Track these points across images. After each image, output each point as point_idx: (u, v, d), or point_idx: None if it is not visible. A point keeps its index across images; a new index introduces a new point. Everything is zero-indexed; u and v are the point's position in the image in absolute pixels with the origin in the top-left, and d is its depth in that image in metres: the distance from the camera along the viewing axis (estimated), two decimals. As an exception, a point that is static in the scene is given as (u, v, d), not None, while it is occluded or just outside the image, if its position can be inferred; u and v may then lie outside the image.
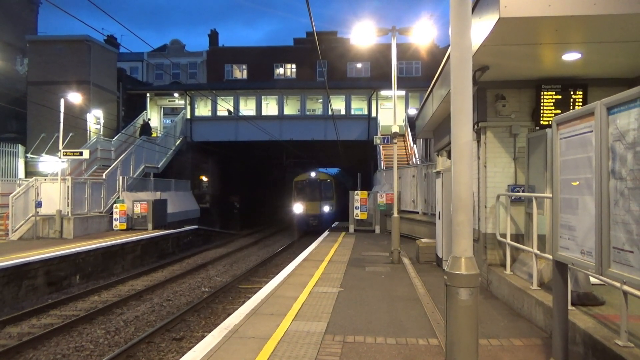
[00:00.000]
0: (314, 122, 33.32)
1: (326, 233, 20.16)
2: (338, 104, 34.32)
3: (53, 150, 23.22)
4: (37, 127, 26.52)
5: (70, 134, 23.52)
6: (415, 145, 25.94)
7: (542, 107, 7.96)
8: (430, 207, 16.45)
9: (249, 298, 7.94)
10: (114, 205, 20.28)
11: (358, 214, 20.46)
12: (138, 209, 20.54)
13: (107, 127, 28.61)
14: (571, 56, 6.69)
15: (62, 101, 19.85)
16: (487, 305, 7.28)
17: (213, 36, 46.51)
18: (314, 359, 4.95)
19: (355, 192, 20.85)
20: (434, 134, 14.98)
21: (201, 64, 43.48)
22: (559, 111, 7.55)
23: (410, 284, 9.12)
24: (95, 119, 28.49)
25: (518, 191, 8.03)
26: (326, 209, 29.98)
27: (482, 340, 5.42)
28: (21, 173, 24.87)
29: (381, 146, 25.64)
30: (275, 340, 5.53)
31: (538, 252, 6.44)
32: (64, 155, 18.95)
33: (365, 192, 20.86)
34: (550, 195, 4.97)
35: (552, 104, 7.92)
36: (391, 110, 13.17)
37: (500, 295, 7.67)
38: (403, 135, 28.01)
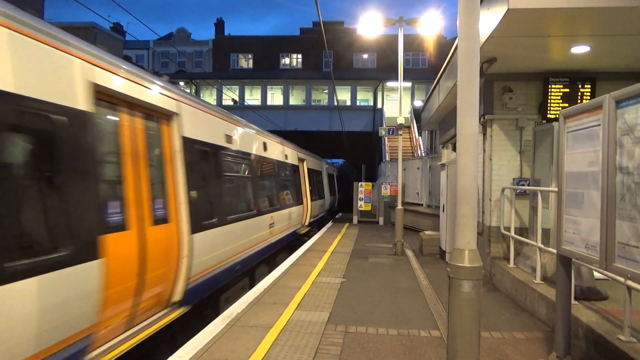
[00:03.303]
0: (320, 112, 33.28)
1: (330, 224, 20.19)
2: (344, 95, 34.23)
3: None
4: (43, 114, 26.59)
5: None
6: (420, 137, 25.88)
7: (549, 100, 7.90)
8: (434, 199, 16.41)
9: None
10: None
11: (362, 205, 20.45)
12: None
13: (112, 115, 28.63)
14: (580, 49, 6.63)
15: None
16: (490, 298, 7.28)
17: (219, 25, 46.32)
18: (315, 348, 4.97)
19: (360, 183, 20.84)
20: (439, 126, 14.91)
21: (207, 53, 43.40)
22: (567, 105, 7.49)
23: (413, 275, 9.13)
24: (100, 107, 28.49)
25: (523, 184, 8.00)
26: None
27: (484, 333, 5.42)
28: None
29: (386, 138, 25.57)
30: (278, 329, 5.55)
31: (542, 245, 6.42)
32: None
33: (370, 184, 20.85)
34: (556, 189, 4.94)
35: (559, 97, 7.86)
36: (397, 102, 13.12)
37: (503, 289, 7.66)
38: (408, 127, 27.91)
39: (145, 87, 5.09)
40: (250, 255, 8.43)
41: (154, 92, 5.27)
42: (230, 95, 31.90)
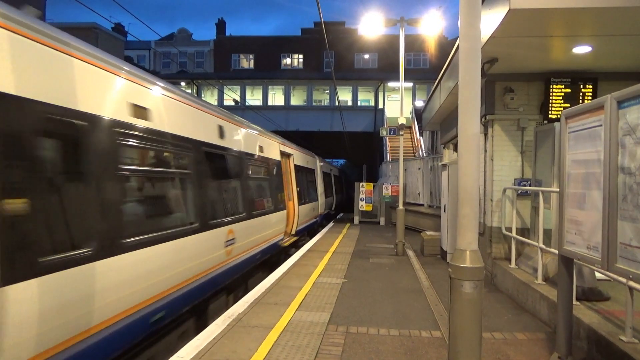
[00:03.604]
0: (321, 112, 33.31)
1: (331, 224, 20.19)
2: (345, 95, 34.26)
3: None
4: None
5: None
6: (421, 138, 25.87)
7: (550, 101, 7.89)
8: (435, 199, 16.41)
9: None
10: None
11: (363, 205, 20.46)
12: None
13: (113, 115, 28.66)
14: (581, 49, 6.62)
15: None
16: (491, 298, 7.27)
17: (220, 25, 46.37)
18: (317, 349, 4.97)
19: (361, 183, 20.86)
20: (440, 127, 14.90)
21: (208, 53, 43.45)
22: (568, 105, 7.48)
23: (414, 276, 9.12)
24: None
25: (524, 185, 7.99)
26: None
27: (486, 334, 5.41)
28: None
29: (387, 138, 25.57)
30: (279, 329, 5.55)
31: (543, 246, 6.42)
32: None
33: (371, 184, 20.86)
34: (557, 189, 4.93)
35: (561, 98, 7.85)
36: (398, 102, 13.11)
37: (504, 289, 7.65)
38: (409, 128, 27.91)
39: None
40: (188, 291, 5.58)
41: None
42: (231, 96, 31.93)
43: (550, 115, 7.89)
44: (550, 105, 7.90)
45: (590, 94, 7.74)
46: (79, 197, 3.91)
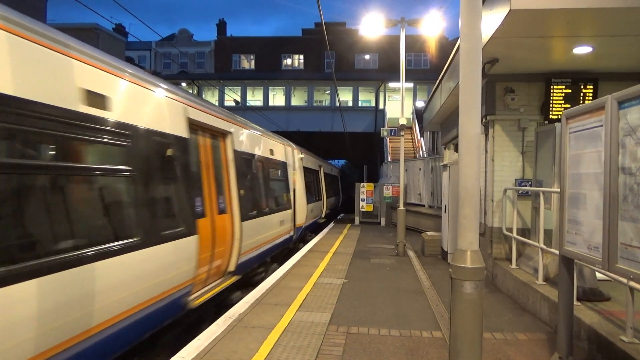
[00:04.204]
0: (321, 113, 33.32)
1: (332, 225, 20.21)
2: (345, 96, 34.28)
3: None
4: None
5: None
6: (422, 138, 25.87)
7: (551, 101, 7.90)
8: (436, 200, 16.41)
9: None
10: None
11: (364, 206, 20.48)
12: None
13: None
14: (582, 50, 6.62)
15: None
16: (492, 299, 7.27)
17: (221, 26, 46.42)
18: (317, 349, 4.97)
19: (362, 184, 20.88)
20: (441, 127, 14.90)
21: (209, 54, 43.50)
22: (569, 105, 7.48)
23: (415, 276, 9.12)
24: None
25: (525, 185, 8.00)
26: None
27: (486, 334, 5.41)
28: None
29: (388, 138, 25.59)
30: (280, 330, 5.56)
31: (544, 246, 6.42)
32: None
33: (372, 185, 20.87)
34: (558, 189, 4.93)
35: (561, 98, 7.86)
36: (399, 103, 13.11)
37: (505, 289, 7.65)
38: (410, 128, 27.91)
39: None
40: None
41: None
42: (232, 96, 31.95)
43: (550, 116, 7.90)
44: (550, 105, 7.90)
45: (590, 94, 7.74)
46: None
